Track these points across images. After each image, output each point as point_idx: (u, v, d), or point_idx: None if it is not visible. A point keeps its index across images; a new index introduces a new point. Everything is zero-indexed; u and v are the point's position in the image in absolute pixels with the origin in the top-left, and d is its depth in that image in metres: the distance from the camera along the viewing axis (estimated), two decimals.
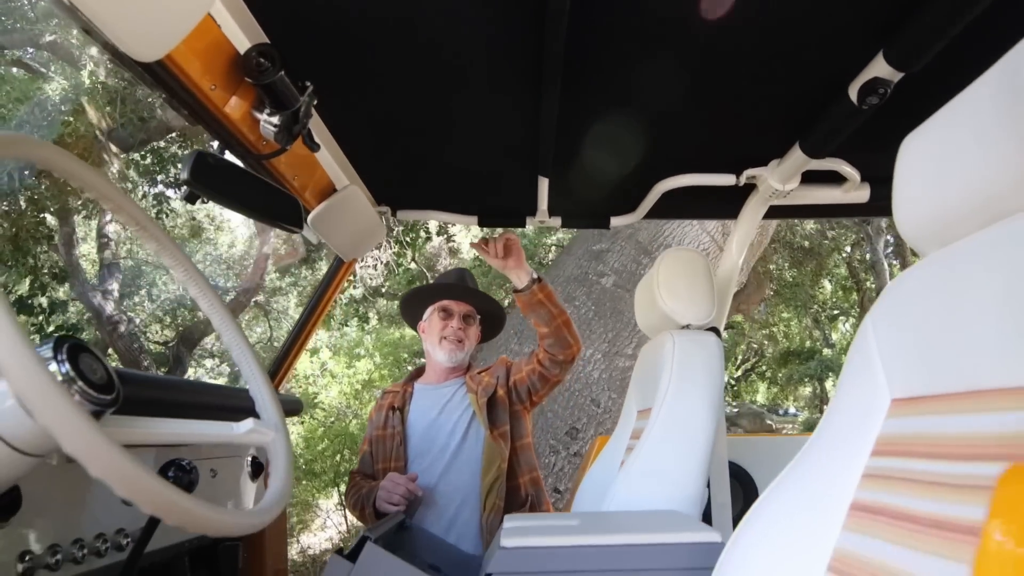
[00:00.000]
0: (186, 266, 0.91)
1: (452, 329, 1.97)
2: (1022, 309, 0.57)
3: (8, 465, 0.68)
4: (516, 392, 1.93)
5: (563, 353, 1.84)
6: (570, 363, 1.88)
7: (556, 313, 1.82)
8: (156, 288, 10.33)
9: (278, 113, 1.09)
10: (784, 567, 0.78)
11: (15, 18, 5.49)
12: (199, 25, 0.92)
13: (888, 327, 0.77)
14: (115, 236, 7.17)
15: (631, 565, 0.92)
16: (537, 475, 1.91)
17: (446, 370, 2.01)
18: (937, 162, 0.72)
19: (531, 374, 1.89)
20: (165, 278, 10.29)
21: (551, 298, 1.83)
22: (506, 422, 1.89)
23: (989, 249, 0.64)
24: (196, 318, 8.21)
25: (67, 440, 0.55)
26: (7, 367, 0.53)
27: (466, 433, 1.87)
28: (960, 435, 0.60)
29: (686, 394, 1.30)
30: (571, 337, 1.84)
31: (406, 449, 1.87)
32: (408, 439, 1.89)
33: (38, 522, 0.97)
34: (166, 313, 9.68)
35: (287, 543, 1.84)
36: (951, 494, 0.58)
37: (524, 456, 1.90)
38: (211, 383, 1.83)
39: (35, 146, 0.70)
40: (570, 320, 1.86)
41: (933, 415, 0.66)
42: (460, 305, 2.01)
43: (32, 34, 5.48)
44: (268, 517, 0.78)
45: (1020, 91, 0.59)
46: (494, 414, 1.89)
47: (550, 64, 1.16)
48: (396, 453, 1.86)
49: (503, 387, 1.93)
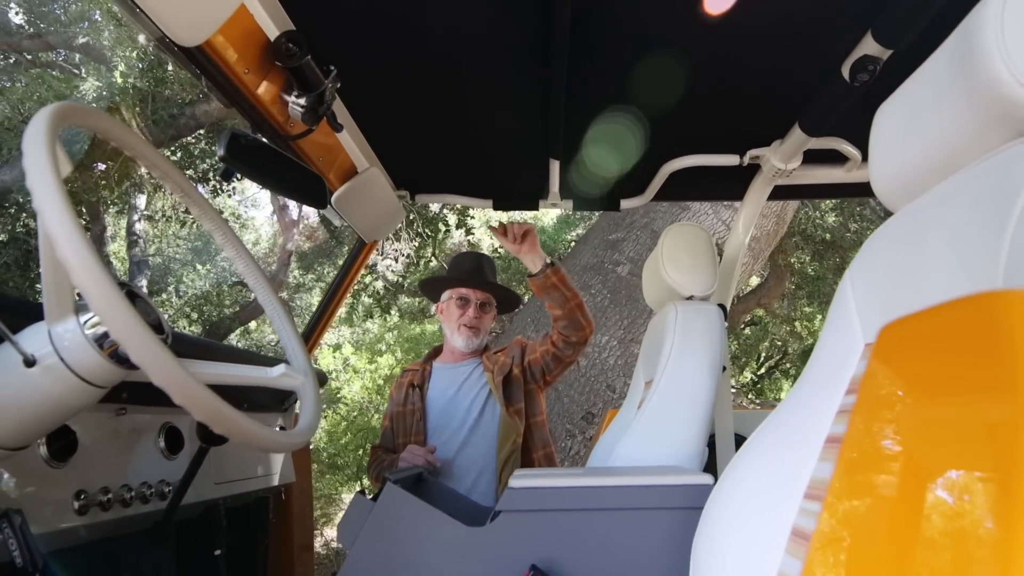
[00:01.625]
0: (224, 230, 1.01)
1: (469, 317, 2.06)
2: (966, 247, 0.64)
3: (78, 394, 0.78)
4: (531, 371, 2.01)
5: (576, 335, 1.91)
6: (583, 344, 1.95)
7: (570, 296, 1.88)
8: (183, 285, 10.57)
9: (305, 95, 1.19)
10: (766, 499, 0.84)
11: (48, 21, 5.70)
12: (234, 14, 1.02)
13: (862, 278, 0.83)
14: (143, 234, 7.38)
15: (628, 504, 1.00)
16: (551, 451, 1.99)
17: (463, 352, 2.10)
18: (904, 125, 0.79)
19: (545, 355, 1.97)
20: (192, 275, 10.53)
21: (564, 281, 1.89)
22: (521, 400, 1.97)
23: (944, 198, 0.71)
24: (222, 314, 8.39)
25: (156, 374, 0.65)
26: (107, 315, 0.63)
27: (483, 410, 1.96)
28: None
29: (687, 358, 1.38)
30: (584, 319, 1.91)
31: (425, 424, 1.97)
32: (427, 415, 1.99)
33: (91, 466, 1.08)
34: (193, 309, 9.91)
35: (312, 507, 1.95)
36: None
37: (538, 432, 1.99)
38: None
39: (98, 116, 0.80)
40: (583, 303, 1.92)
41: None
42: (477, 293, 2.09)
43: (65, 36, 5.68)
44: (300, 440, 0.88)
45: (969, 57, 0.66)
46: (509, 392, 1.97)
47: (557, 52, 1.24)
48: (416, 428, 1.95)
49: (518, 366, 2.01)
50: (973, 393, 0.49)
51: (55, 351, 0.76)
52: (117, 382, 0.82)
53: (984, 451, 0.47)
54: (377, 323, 8.63)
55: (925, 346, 0.51)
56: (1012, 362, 0.43)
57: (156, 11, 0.91)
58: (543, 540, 1.00)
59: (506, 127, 1.64)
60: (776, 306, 9.31)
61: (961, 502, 0.46)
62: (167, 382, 0.65)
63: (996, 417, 0.46)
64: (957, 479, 0.48)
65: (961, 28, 0.68)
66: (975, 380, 0.49)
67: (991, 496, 0.43)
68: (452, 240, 7.75)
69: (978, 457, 0.47)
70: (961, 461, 0.47)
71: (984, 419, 0.47)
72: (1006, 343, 0.43)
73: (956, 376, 0.51)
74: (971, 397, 0.49)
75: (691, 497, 0.99)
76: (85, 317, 0.77)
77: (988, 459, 0.46)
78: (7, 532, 0.86)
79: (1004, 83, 0.61)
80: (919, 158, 0.76)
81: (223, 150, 1.13)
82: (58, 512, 1.00)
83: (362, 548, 1.04)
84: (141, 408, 1.22)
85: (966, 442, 0.48)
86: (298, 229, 8.69)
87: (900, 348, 0.53)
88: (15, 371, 0.76)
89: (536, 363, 2.00)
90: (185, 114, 4.28)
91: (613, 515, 1.00)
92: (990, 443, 0.47)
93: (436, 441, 1.93)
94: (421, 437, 1.95)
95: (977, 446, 0.48)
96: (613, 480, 1.03)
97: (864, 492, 0.54)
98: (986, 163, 0.66)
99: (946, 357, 0.51)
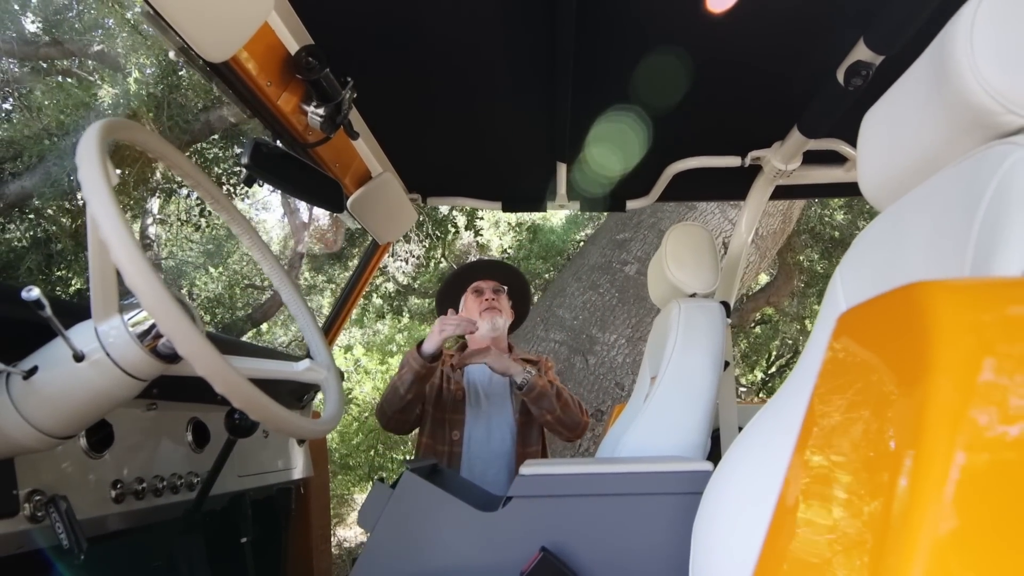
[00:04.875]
0: (251, 234, 1.08)
1: (487, 301, 2.09)
2: (939, 244, 0.69)
3: (122, 387, 0.85)
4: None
5: (572, 433, 1.93)
6: (583, 434, 1.96)
7: (554, 395, 1.87)
8: (196, 287, 10.68)
9: (323, 105, 1.25)
10: (762, 483, 0.90)
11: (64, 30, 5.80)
12: (258, 30, 1.08)
13: (851, 274, 0.89)
14: (156, 238, 7.49)
15: (632, 489, 1.06)
16: (543, 447, 2.05)
17: (488, 342, 2.11)
18: (888, 130, 0.85)
19: (545, 424, 1.96)
20: (205, 279, 10.65)
21: (551, 381, 1.91)
22: (526, 411, 2.00)
23: (922, 199, 0.77)
24: (235, 315, 8.49)
25: (201, 366, 0.71)
26: (158, 313, 0.69)
27: (504, 400, 2.03)
28: None
29: (689, 353, 1.43)
30: (577, 416, 1.92)
31: (465, 406, 1.99)
32: (468, 397, 2.02)
33: (126, 457, 1.15)
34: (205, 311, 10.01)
35: (329, 501, 2.01)
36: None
37: (535, 431, 2.03)
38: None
39: (139, 130, 0.87)
40: (572, 399, 1.93)
41: None
42: (487, 282, 2.15)
43: (80, 44, 5.78)
44: (327, 428, 0.95)
45: (944, 68, 0.71)
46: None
47: (562, 59, 1.30)
48: (455, 405, 1.99)
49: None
50: (908, 386, 0.51)
51: (102, 347, 0.83)
52: (156, 376, 0.88)
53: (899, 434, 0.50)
54: (388, 324, 8.72)
55: (871, 334, 0.54)
56: (920, 350, 0.45)
57: (186, 29, 0.97)
58: (552, 524, 1.06)
59: (514, 131, 1.70)
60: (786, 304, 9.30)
61: (872, 482, 0.49)
62: (210, 372, 0.71)
63: (904, 406, 0.49)
64: (872, 459, 0.50)
65: (937, 41, 0.73)
66: (899, 369, 0.51)
67: (896, 473, 0.45)
68: (461, 241, 7.82)
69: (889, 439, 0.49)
70: (877, 447, 0.50)
71: (898, 407, 0.50)
72: (920, 330, 0.46)
73: (885, 364, 0.54)
74: (907, 390, 0.52)
75: (692, 483, 1.04)
76: (129, 315, 0.84)
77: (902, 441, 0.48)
78: (54, 516, 0.92)
79: (973, 93, 0.66)
80: (902, 161, 0.82)
81: (247, 158, 1.20)
82: (97, 500, 1.06)
83: (382, 531, 1.10)
84: (170, 403, 1.29)
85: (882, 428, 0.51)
86: (308, 232, 8.77)
87: (852, 335, 0.57)
88: (66, 366, 0.82)
89: (541, 417, 1.96)
90: (200, 120, 4.37)
91: (618, 500, 1.06)
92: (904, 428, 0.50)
93: (472, 427, 1.96)
94: (460, 415, 1.97)
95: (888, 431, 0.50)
96: (618, 468, 1.09)
97: (815, 469, 0.58)
98: (959, 166, 0.71)
99: (881, 343, 0.54)
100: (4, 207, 4.39)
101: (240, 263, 10.69)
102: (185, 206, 6.96)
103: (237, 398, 0.75)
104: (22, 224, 4.63)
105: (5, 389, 0.82)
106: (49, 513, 0.92)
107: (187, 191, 6.60)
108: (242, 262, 11.02)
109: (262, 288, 9.41)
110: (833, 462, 0.54)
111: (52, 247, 4.49)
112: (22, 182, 4.27)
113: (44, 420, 0.83)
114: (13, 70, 5.22)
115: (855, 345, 0.56)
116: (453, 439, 1.95)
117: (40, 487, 0.94)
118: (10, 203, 4.39)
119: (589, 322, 3.80)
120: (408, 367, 1.81)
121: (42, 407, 0.83)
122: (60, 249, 4.44)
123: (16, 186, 4.33)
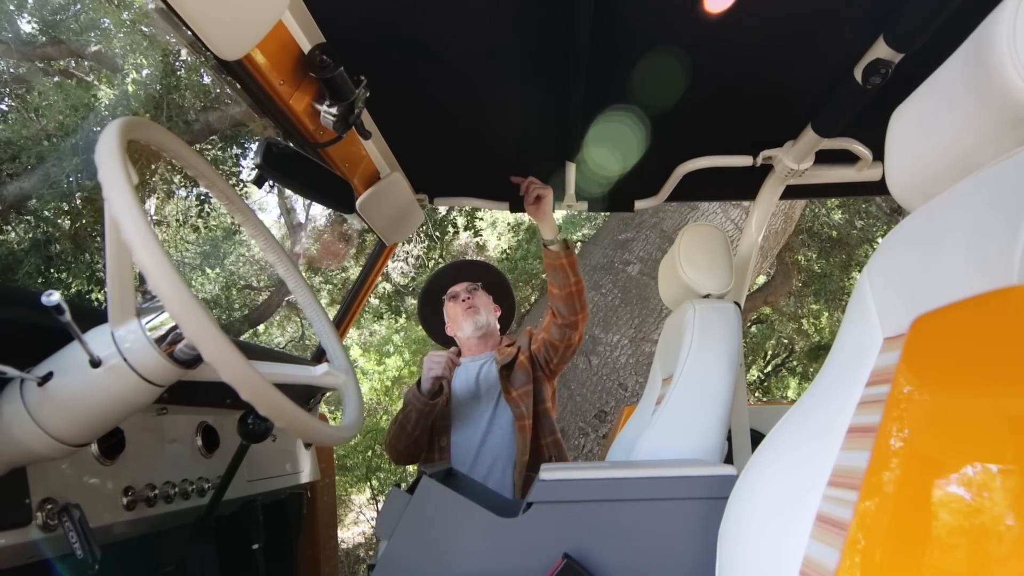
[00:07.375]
0: (266, 236, 1.06)
1: (464, 302, 2.15)
2: (983, 245, 0.68)
3: (138, 393, 0.83)
4: (536, 359, 2.07)
5: (566, 317, 1.95)
6: (574, 329, 1.98)
7: (572, 281, 1.92)
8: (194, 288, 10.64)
9: (337, 104, 1.23)
10: (792, 488, 0.88)
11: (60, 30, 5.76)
12: (272, 29, 1.06)
13: (880, 275, 0.87)
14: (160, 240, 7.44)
15: (655, 494, 1.04)
16: (558, 438, 2.04)
17: (477, 341, 2.15)
18: (920, 128, 0.83)
19: (543, 343, 2.03)
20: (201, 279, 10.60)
21: (573, 266, 1.93)
22: (526, 384, 2.02)
23: (961, 199, 0.75)
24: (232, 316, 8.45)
25: (226, 371, 0.69)
26: (182, 317, 0.68)
27: (498, 401, 2.02)
28: None
29: (706, 355, 1.42)
30: (579, 304, 1.95)
31: (451, 411, 2.03)
32: (452, 403, 2.05)
33: (138, 463, 1.13)
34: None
35: (335, 504, 1.99)
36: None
37: (546, 420, 2.04)
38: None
39: (156, 129, 0.85)
40: (584, 291, 1.96)
41: None
42: (458, 284, 2.20)
43: (77, 45, 5.74)
44: (348, 434, 0.93)
45: (983, 64, 0.69)
46: (513, 377, 2.03)
47: (575, 59, 1.28)
48: (442, 412, 2.01)
49: (524, 353, 2.08)
50: (995, 386, 0.51)
51: (118, 352, 0.81)
52: (174, 381, 0.86)
53: (1006, 444, 0.50)
54: (385, 325, 8.68)
55: (950, 340, 0.54)
56: None
57: (201, 27, 0.96)
58: (574, 530, 1.05)
59: (523, 131, 1.68)
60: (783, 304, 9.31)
61: (980, 498, 0.48)
62: (236, 378, 0.69)
63: (1017, 410, 0.49)
64: (976, 474, 0.50)
65: (975, 35, 0.72)
66: (997, 374, 0.51)
67: (1011, 491, 0.45)
68: (459, 242, 7.80)
69: (1000, 450, 0.50)
70: (984, 455, 0.50)
71: (1007, 412, 0.50)
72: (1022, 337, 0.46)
73: (979, 370, 0.54)
74: (993, 390, 0.52)
75: (716, 487, 1.03)
76: (146, 319, 0.82)
77: (1010, 452, 0.48)
78: (67, 525, 0.90)
79: (1016, 89, 0.65)
80: (934, 161, 0.80)
81: (260, 158, 1.18)
82: (109, 507, 1.04)
83: (400, 538, 1.08)
84: (180, 408, 1.27)
85: (989, 435, 0.51)
86: (305, 232, 8.74)
87: (928, 342, 0.56)
88: (82, 372, 0.80)
89: (539, 351, 2.06)
90: (200, 121, 4.35)
91: (641, 505, 1.04)
92: (1011, 436, 0.50)
93: (460, 428, 2.00)
94: (447, 421, 2.01)
95: (1000, 439, 0.50)
96: (640, 472, 1.07)
97: (900, 481, 0.57)
98: (1000, 165, 0.70)
99: (970, 352, 0.55)
100: (2, 209, 4.35)
101: (237, 264, 10.66)
102: (182, 207, 6.93)
103: (263, 404, 0.73)
104: (20, 226, 4.60)
105: (20, 396, 0.80)
106: (62, 522, 0.90)
107: (186, 192, 6.57)
108: (239, 263, 10.98)
109: (259, 289, 9.38)
110: (922, 473, 0.52)
111: (51, 249, 4.46)
112: (20, 183, 4.23)
113: (59, 427, 0.81)
114: (11, 70, 5.18)
115: (935, 352, 0.55)
116: (441, 445, 1.97)
117: (52, 495, 0.92)
118: (8, 205, 4.36)
119: (591, 323, 3.79)
120: (412, 407, 1.91)
121: (57, 414, 0.80)
122: (59, 251, 4.41)
123: (14, 187, 4.29)
